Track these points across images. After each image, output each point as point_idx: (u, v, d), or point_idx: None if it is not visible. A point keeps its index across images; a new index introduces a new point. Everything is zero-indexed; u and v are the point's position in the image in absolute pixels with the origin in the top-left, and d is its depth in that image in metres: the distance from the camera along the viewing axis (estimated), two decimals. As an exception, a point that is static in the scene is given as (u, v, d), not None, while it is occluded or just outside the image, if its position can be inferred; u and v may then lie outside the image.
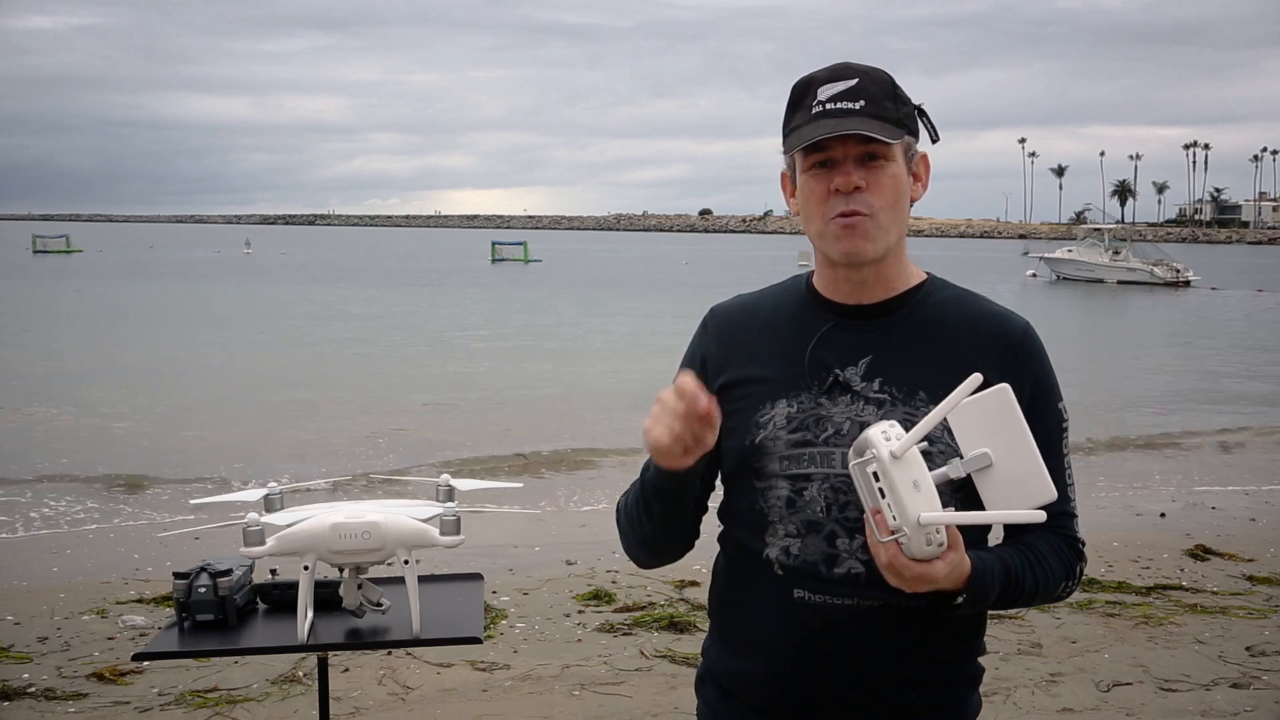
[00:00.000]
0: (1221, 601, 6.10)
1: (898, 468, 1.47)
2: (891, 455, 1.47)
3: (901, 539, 1.48)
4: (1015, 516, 1.55)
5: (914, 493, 1.47)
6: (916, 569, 1.50)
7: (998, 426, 1.57)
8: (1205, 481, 10.29)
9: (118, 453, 11.09)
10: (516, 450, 11.41)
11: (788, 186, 1.79)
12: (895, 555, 1.49)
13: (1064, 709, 4.59)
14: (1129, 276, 47.61)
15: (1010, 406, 1.57)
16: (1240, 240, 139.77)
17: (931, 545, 1.48)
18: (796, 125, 1.70)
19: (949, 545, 1.50)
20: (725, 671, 1.80)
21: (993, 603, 1.65)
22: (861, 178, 1.67)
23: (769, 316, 1.81)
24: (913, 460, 1.48)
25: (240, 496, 2.86)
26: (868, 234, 1.68)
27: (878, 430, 1.50)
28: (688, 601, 5.94)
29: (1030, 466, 1.56)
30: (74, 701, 4.59)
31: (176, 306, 26.39)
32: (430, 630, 2.67)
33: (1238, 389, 17.33)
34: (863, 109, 1.66)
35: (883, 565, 1.52)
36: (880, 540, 1.50)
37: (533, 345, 22.08)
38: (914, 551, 1.48)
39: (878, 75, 1.71)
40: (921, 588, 1.53)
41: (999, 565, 1.63)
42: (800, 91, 1.72)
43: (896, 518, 1.48)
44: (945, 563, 1.51)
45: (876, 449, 1.48)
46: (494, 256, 65.94)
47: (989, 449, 1.57)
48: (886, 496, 1.48)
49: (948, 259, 66.62)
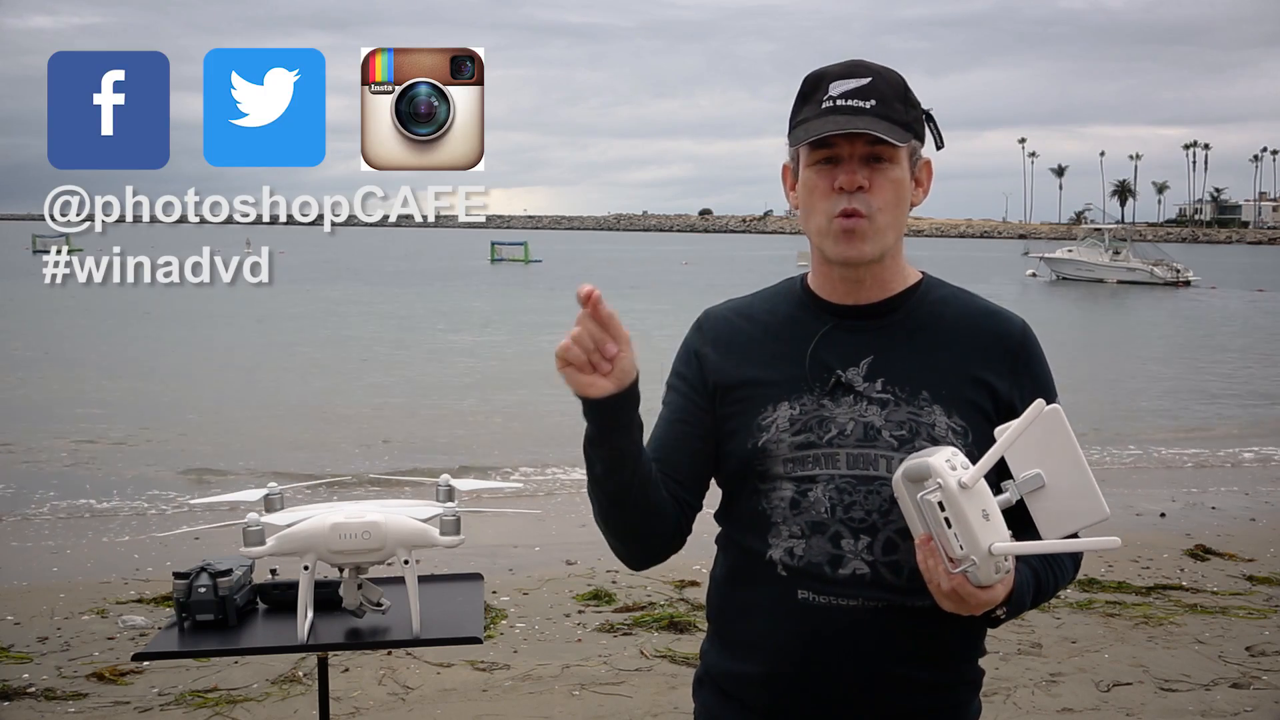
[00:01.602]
0: (1221, 601, 6.10)
1: (967, 498, 1.46)
2: (961, 485, 1.46)
3: (969, 569, 1.48)
4: (1089, 544, 1.52)
5: (984, 523, 1.47)
6: (982, 596, 1.51)
7: (1050, 447, 1.56)
8: (1205, 481, 10.29)
9: (118, 452, 11.09)
10: (516, 450, 11.41)
11: (789, 179, 1.78)
12: (961, 584, 1.50)
13: (1064, 709, 4.58)
14: (1129, 276, 47.60)
15: (1063, 427, 1.56)
16: (1240, 240, 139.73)
17: (999, 573, 1.49)
18: (805, 118, 1.69)
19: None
20: (725, 674, 1.78)
21: (1025, 609, 1.65)
22: (865, 177, 1.66)
23: (764, 319, 1.80)
24: (980, 490, 1.48)
25: (240, 496, 2.86)
26: (866, 237, 1.68)
27: (941, 459, 1.49)
28: (688, 601, 5.94)
29: (1083, 485, 1.55)
30: (74, 701, 4.59)
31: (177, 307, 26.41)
32: (430, 630, 2.67)
33: (1237, 388, 17.33)
34: (873, 109, 1.66)
35: (944, 592, 1.52)
36: (952, 572, 1.49)
37: (532, 345, 22.06)
38: (980, 579, 1.49)
39: (890, 76, 1.71)
40: (979, 611, 1.54)
41: (1030, 573, 1.63)
42: (811, 85, 1.71)
43: (964, 547, 1.47)
44: (1003, 585, 1.53)
45: (944, 479, 1.46)
46: (493, 256, 65.90)
47: (1041, 469, 1.56)
48: (953, 526, 1.47)
49: (948, 259, 66.57)
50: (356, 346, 21.57)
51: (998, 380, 1.70)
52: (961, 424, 1.67)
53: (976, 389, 1.70)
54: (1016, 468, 1.57)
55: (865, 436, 1.68)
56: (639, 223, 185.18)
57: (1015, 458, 1.57)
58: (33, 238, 57.33)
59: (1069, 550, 1.57)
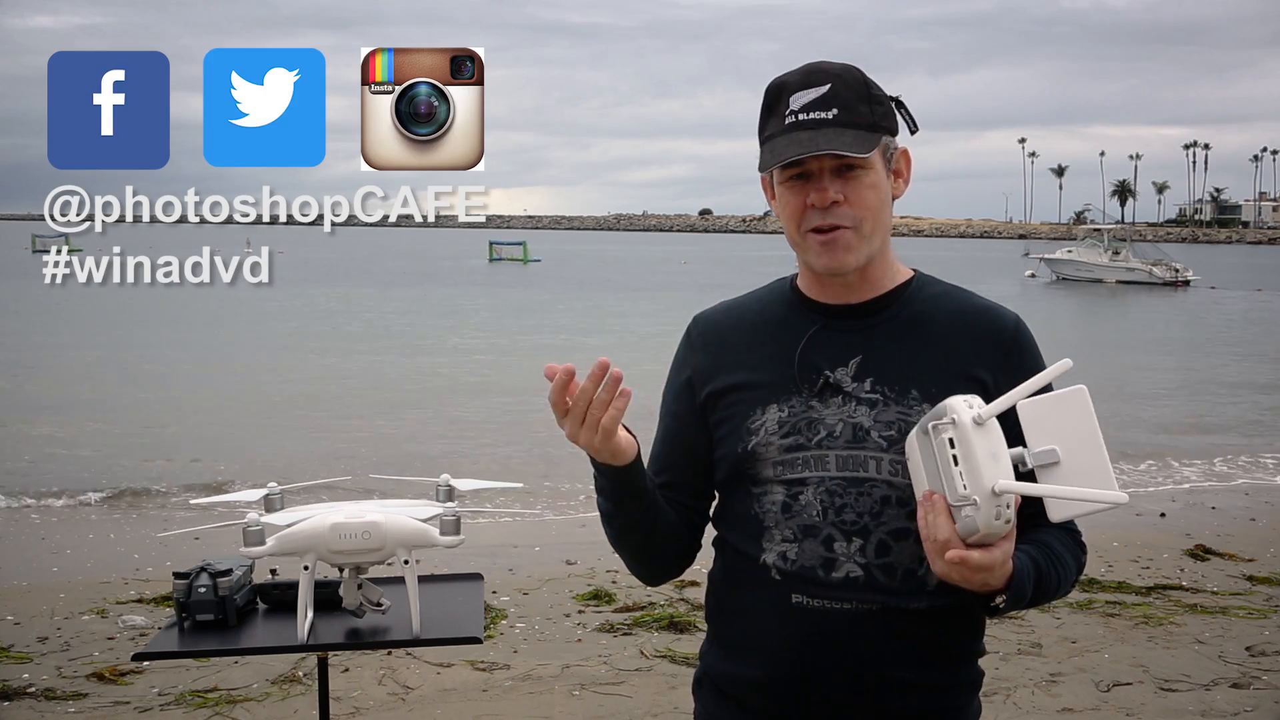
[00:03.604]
0: (1221, 601, 6.10)
1: (979, 435, 1.45)
2: (975, 420, 1.45)
3: (968, 510, 1.45)
4: (1093, 495, 1.50)
5: (992, 462, 1.45)
6: (979, 556, 1.46)
7: (1070, 425, 1.54)
8: (1205, 481, 10.29)
9: (118, 452, 11.08)
10: (517, 450, 11.41)
11: (769, 190, 1.77)
12: (955, 538, 1.46)
13: (1064, 709, 4.59)
14: (1128, 276, 47.58)
15: (1085, 407, 1.54)
16: (1240, 240, 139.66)
17: (1000, 520, 1.46)
18: (770, 135, 1.68)
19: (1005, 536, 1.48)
20: (723, 676, 1.78)
21: (1026, 603, 1.62)
22: (839, 190, 1.65)
23: (755, 320, 1.79)
24: (993, 431, 1.47)
25: (240, 496, 2.86)
26: (850, 246, 1.67)
27: (959, 399, 1.48)
28: (688, 601, 5.94)
29: (1098, 468, 1.52)
30: (74, 701, 4.59)
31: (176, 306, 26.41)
32: (430, 630, 2.67)
33: (1236, 388, 17.33)
34: (836, 118, 1.64)
35: (940, 545, 1.48)
36: (952, 503, 1.47)
37: (532, 345, 22.06)
38: (980, 523, 1.45)
39: (850, 77, 1.68)
40: (977, 579, 1.50)
41: (1030, 564, 1.60)
42: (773, 96, 1.70)
43: (968, 485, 1.45)
44: (1002, 551, 1.49)
45: (958, 414, 1.46)
46: (491, 256, 65.90)
47: (1057, 446, 1.54)
48: (960, 464, 1.45)
49: (948, 259, 66.59)
50: (356, 346, 21.56)
51: (990, 377, 1.69)
52: None
53: (969, 386, 1.67)
54: (1034, 441, 1.54)
55: (854, 438, 1.67)
56: (639, 223, 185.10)
57: (1034, 430, 1.55)
58: (32, 238, 57.22)
59: (1073, 499, 1.52)
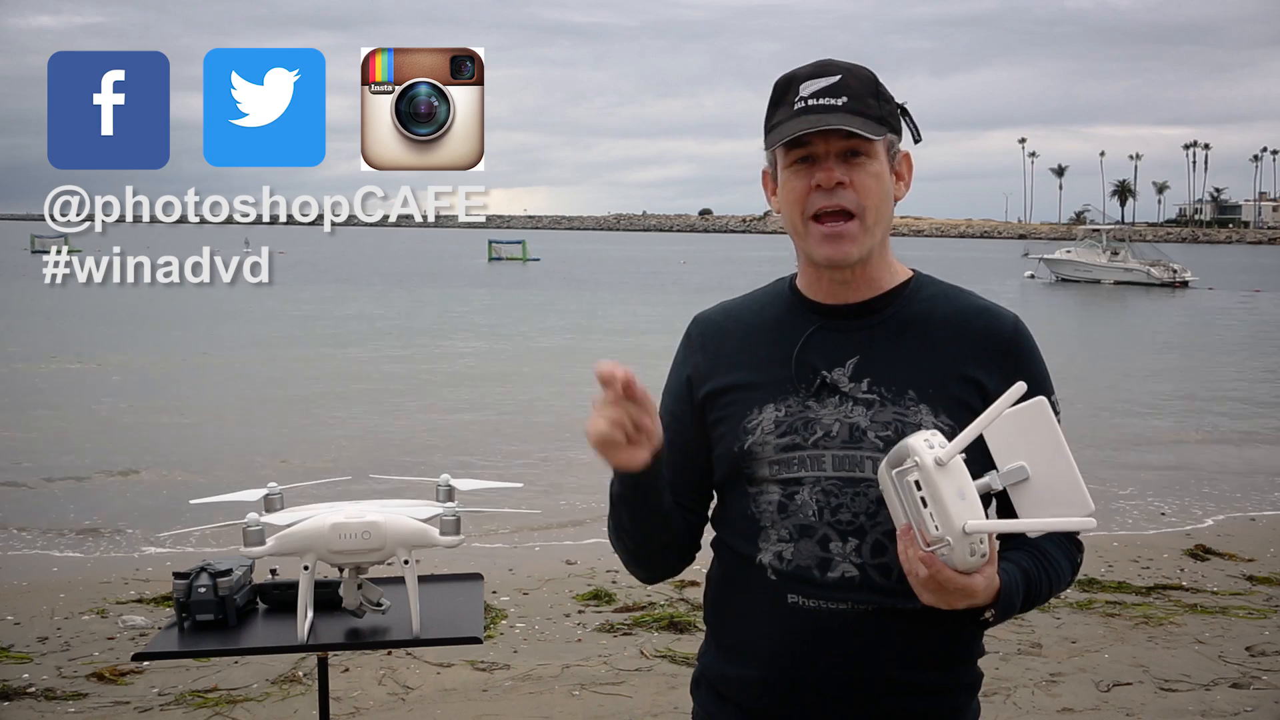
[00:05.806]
0: (1221, 601, 6.10)
1: (942, 476, 1.45)
2: (937, 462, 1.44)
3: (943, 550, 1.45)
4: (1064, 524, 1.51)
5: (959, 501, 1.44)
6: (960, 581, 1.47)
7: (1034, 439, 1.54)
8: (1205, 482, 10.29)
9: (118, 452, 11.08)
10: (517, 451, 11.41)
11: (769, 184, 1.78)
12: (939, 569, 1.46)
13: (1064, 709, 4.59)
14: (1126, 277, 47.53)
15: (1047, 419, 1.54)
16: (1240, 240, 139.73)
17: (974, 556, 1.46)
18: (778, 121, 1.70)
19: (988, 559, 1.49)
20: (721, 676, 1.78)
21: (1017, 611, 1.62)
22: (844, 174, 1.66)
23: (753, 320, 1.80)
24: (957, 469, 1.46)
25: (240, 496, 2.86)
26: (854, 238, 1.67)
27: (919, 438, 1.47)
28: (688, 601, 5.94)
29: (1068, 480, 1.53)
30: (74, 701, 4.59)
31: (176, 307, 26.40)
32: (430, 630, 2.67)
33: (1235, 388, 17.33)
34: (845, 105, 1.66)
35: (921, 581, 1.48)
36: (921, 550, 1.46)
37: (531, 345, 22.06)
38: (955, 562, 1.46)
39: (860, 72, 1.71)
40: (960, 603, 1.50)
41: (1019, 574, 1.60)
42: (782, 88, 1.71)
43: (939, 527, 1.45)
44: (984, 576, 1.49)
45: (920, 456, 1.45)
46: (490, 255, 65.93)
47: (1025, 462, 1.54)
48: (929, 506, 1.45)
49: (948, 259, 66.60)
50: (356, 346, 21.56)
51: (989, 377, 1.69)
52: (949, 423, 1.64)
53: (966, 387, 1.68)
54: (1001, 459, 1.55)
55: (850, 438, 1.67)
56: (639, 223, 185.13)
57: (1000, 450, 1.55)
58: (32, 238, 57.28)
59: (1042, 530, 1.54)
